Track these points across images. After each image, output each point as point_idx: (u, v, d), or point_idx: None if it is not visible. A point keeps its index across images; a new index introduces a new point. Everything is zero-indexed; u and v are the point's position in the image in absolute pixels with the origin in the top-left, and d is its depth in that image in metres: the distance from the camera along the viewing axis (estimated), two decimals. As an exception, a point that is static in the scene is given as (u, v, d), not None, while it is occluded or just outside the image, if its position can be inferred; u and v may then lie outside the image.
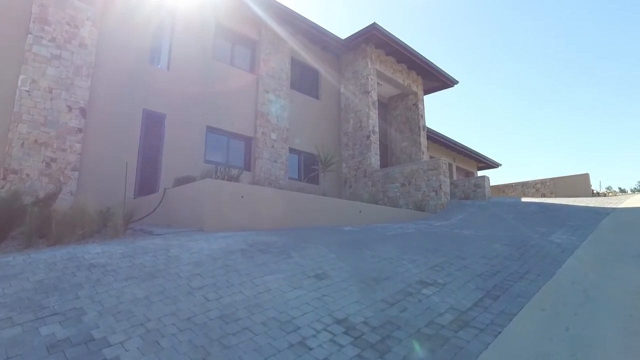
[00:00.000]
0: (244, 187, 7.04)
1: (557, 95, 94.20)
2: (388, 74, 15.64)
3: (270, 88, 13.16)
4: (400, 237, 6.91)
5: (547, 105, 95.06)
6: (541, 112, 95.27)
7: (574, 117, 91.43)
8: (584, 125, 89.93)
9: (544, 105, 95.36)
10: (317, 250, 5.44)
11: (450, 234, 7.29)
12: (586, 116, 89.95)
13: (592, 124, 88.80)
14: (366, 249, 5.70)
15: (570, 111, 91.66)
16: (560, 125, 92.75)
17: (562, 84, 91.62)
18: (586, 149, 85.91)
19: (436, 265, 5.07)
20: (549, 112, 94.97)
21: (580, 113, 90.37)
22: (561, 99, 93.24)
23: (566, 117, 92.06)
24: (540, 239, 6.75)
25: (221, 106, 11.84)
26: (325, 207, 8.54)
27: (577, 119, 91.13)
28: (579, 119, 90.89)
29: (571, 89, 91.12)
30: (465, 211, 10.73)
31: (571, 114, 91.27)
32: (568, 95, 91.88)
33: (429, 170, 12.22)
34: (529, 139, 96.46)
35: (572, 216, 9.12)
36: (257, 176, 12.19)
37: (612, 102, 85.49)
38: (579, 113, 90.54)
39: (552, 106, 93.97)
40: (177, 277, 4.04)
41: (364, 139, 14.24)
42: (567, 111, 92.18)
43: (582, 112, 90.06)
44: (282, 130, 13.17)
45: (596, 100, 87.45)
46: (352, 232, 7.23)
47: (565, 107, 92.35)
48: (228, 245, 5.23)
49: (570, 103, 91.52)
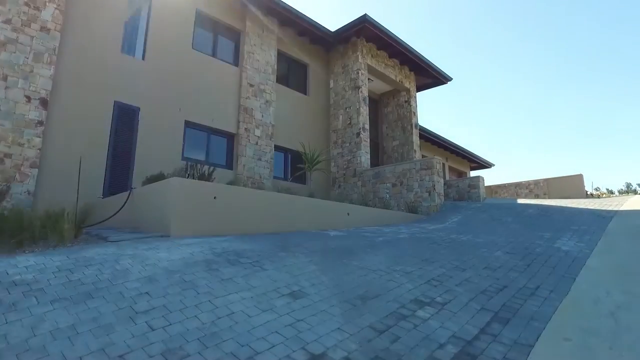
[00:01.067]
0: (217, 187, 6.29)
1: (551, 95, 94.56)
2: (379, 69, 14.97)
3: (255, 82, 12.41)
4: (391, 243, 6.23)
5: (541, 105, 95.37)
6: (533, 113, 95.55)
7: (565, 118, 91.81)
8: (574, 127, 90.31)
9: (538, 105, 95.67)
10: (295, 260, 4.72)
11: (446, 240, 6.62)
12: (576, 117, 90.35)
13: (582, 125, 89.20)
14: (353, 259, 4.99)
15: (562, 111, 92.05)
16: (551, 127, 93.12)
17: (557, 82, 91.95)
18: (572, 149, 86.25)
19: (433, 278, 4.39)
20: (541, 112, 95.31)
21: (571, 113, 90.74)
22: (554, 99, 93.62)
23: (558, 117, 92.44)
24: (546, 246, 6.11)
25: (201, 100, 11.07)
26: (310, 209, 7.83)
27: (567, 120, 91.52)
28: (569, 119, 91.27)
29: (563, 88, 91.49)
30: (461, 213, 10.08)
31: (563, 114, 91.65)
32: (561, 95, 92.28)
33: (422, 170, 11.57)
34: (520, 139, 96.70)
35: (575, 219, 8.51)
36: (239, 175, 11.43)
37: (604, 104, 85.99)
38: (569, 113, 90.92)
39: (546, 106, 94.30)
40: (119, 298, 3.29)
41: (354, 136, 13.55)
42: (560, 111, 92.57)
43: (573, 112, 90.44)
44: (267, 126, 12.42)
45: (588, 101, 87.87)
46: (338, 238, 6.53)
47: (557, 107, 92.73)
48: (192, 255, 4.49)
49: (562, 103, 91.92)
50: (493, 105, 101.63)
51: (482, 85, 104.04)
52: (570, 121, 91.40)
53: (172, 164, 9.86)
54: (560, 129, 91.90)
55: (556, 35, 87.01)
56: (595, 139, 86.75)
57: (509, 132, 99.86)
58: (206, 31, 11.94)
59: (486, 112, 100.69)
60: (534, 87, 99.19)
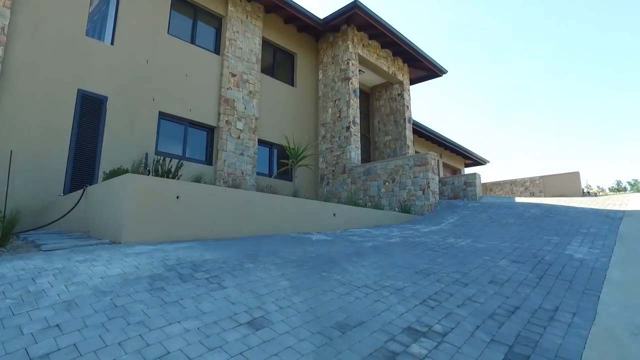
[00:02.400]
0: (181, 185, 5.46)
1: (543, 91, 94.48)
2: (371, 60, 14.16)
3: (238, 71, 11.55)
4: (381, 249, 5.45)
5: (535, 101, 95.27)
6: (528, 108, 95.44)
7: (556, 115, 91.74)
8: (567, 124, 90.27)
9: (532, 101, 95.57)
10: (264, 273, 3.92)
11: (443, 245, 5.86)
12: (571, 115, 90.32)
13: (575, 122, 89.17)
14: (334, 271, 4.21)
15: (553, 109, 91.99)
16: (545, 123, 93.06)
17: (550, 80, 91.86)
18: (563, 146, 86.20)
19: (430, 297, 3.61)
20: (535, 108, 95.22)
21: (561, 111, 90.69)
22: (547, 95, 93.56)
23: (550, 114, 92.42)
24: (556, 253, 5.37)
25: (178, 90, 10.19)
26: (291, 210, 7.03)
27: (558, 117, 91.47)
28: (559, 117, 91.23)
29: (554, 85, 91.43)
30: (457, 213, 9.34)
31: (554, 112, 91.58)
32: (552, 92, 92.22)
33: (416, 166, 10.81)
34: (515, 136, 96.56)
35: (582, 221, 7.81)
36: (219, 171, 10.60)
37: (598, 100, 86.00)
38: (560, 111, 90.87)
39: (539, 103, 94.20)
40: (14, 334, 2.47)
41: (343, 130, 12.75)
42: (552, 109, 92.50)
43: (564, 110, 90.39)
44: (250, 119, 11.58)
45: (580, 97, 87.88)
46: (320, 243, 5.73)
47: (550, 105, 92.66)
48: (136, 269, 3.67)
49: (554, 100, 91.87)
50: (488, 99, 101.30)
51: (478, 79, 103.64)
52: (564, 119, 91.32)
53: (144, 158, 9.05)
54: (553, 126, 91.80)
55: (555, 33, 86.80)
56: (587, 136, 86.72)
57: (504, 127, 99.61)
58: (184, 16, 11.05)
59: (481, 106, 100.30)
60: (531, 83, 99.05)
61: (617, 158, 76.14)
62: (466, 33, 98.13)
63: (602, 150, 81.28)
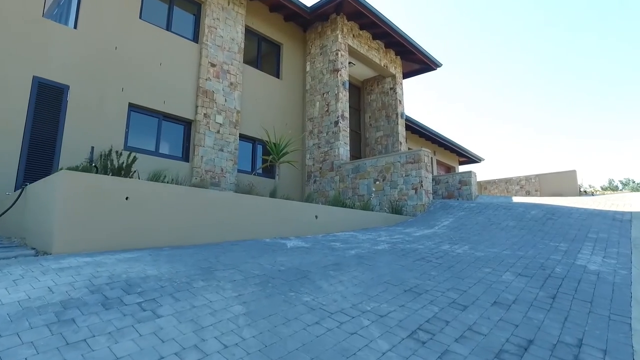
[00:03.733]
0: (133, 183, 4.68)
1: (536, 89, 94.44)
2: (362, 52, 13.39)
3: (218, 61, 10.73)
4: (365, 259, 4.70)
5: (528, 98, 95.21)
6: (522, 105, 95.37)
7: (547, 113, 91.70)
8: (557, 122, 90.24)
9: (526, 98, 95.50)
10: (216, 294, 3.16)
11: (437, 254, 5.13)
12: (558, 112, 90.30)
13: (566, 120, 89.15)
14: (305, 290, 3.45)
15: (544, 107, 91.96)
16: (539, 121, 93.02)
17: (544, 76, 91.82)
18: (555, 144, 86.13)
19: (421, 327, 2.87)
20: (529, 105, 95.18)
21: (552, 109, 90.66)
22: (539, 93, 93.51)
23: (542, 112, 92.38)
24: (567, 264, 4.66)
25: (151, 80, 9.36)
26: (267, 212, 6.26)
27: (548, 115, 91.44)
28: (549, 114, 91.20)
29: (546, 81, 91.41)
30: (452, 215, 8.62)
31: (545, 109, 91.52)
32: (545, 89, 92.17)
33: (408, 164, 10.08)
34: (509, 133, 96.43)
35: (588, 224, 7.12)
36: (196, 168, 9.80)
37: (592, 98, 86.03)
38: (550, 109, 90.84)
39: (532, 100, 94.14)
40: None
41: (332, 125, 11.99)
42: (543, 107, 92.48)
43: (554, 108, 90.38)
44: (231, 112, 10.78)
45: (573, 95, 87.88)
46: (295, 251, 4.97)
47: (541, 102, 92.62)
48: (47, 292, 2.89)
49: (546, 98, 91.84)
50: (484, 95, 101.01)
51: (475, 73, 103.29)
52: (556, 116, 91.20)
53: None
54: (544, 123, 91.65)
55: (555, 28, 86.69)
56: (579, 134, 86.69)
57: (498, 124, 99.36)
58: (158, 0, 10.21)
59: (476, 102, 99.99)
60: (527, 75, 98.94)
61: (609, 156, 76.12)
62: (460, 28, 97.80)
63: (593, 148, 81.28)
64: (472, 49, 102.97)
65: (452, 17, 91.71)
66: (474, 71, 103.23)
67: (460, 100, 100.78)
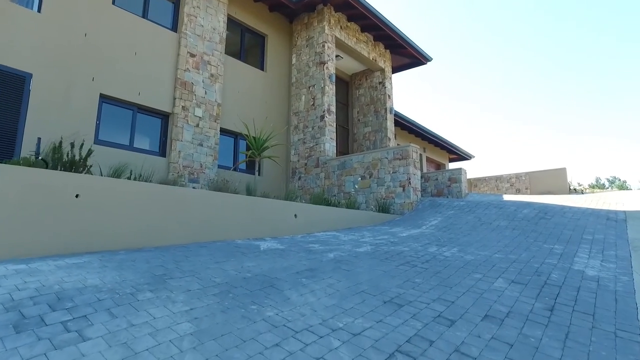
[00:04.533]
0: (85, 179, 4.19)
1: (530, 83, 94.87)
2: (350, 44, 12.94)
3: (198, 51, 10.21)
4: (343, 264, 4.27)
5: (519, 94, 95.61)
6: (513, 102, 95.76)
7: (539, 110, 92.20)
8: (550, 120, 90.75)
9: (516, 93, 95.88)
10: (163, 309, 2.70)
11: (423, 257, 4.71)
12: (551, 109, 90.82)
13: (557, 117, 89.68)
14: (270, 302, 3.01)
15: (537, 103, 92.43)
16: (530, 118, 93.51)
17: (538, 70, 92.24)
18: (543, 142, 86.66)
19: (400, 348, 2.45)
20: (521, 102, 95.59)
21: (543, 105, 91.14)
22: (532, 87, 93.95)
23: (535, 109, 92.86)
24: (563, 269, 4.27)
25: (124, 70, 8.81)
26: (242, 211, 5.79)
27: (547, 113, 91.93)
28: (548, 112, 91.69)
29: (539, 76, 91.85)
30: (441, 214, 8.23)
31: (537, 106, 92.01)
32: (537, 83, 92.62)
33: (396, 160, 9.67)
34: (500, 129, 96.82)
35: (582, 224, 6.78)
36: (173, 164, 9.29)
37: (586, 95, 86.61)
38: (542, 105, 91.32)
39: (524, 96, 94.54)
40: None
41: (317, 120, 11.53)
42: (535, 103, 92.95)
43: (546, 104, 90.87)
44: (211, 105, 10.27)
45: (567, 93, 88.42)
46: (267, 255, 4.52)
47: (534, 98, 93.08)
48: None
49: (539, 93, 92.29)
50: (476, 89, 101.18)
51: (466, 67, 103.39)
52: (543, 114, 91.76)
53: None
54: (534, 120, 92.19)
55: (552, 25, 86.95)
56: (567, 132, 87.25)
57: (488, 121, 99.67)
58: (134, -15, 9.64)
59: (468, 97, 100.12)
60: (520, 69, 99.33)
61: (595, 154, 76.75)
62: (453, 21, 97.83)
63: (580, 145, 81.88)
64: (464, 44, 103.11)
65: (447, 9, 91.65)
66: (465, 67, 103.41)
67: (451, 96, 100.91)
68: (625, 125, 77.39)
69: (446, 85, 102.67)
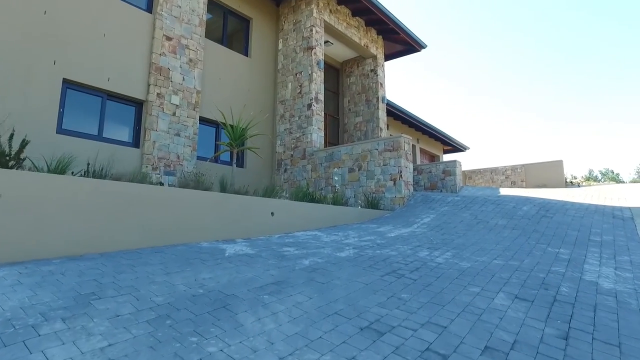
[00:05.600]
0: (13, 176, 3.53)
1: (526, 76, 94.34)
2: (340, 29, 12.23)
3: (175, 34, 9.47)
4: (319, 274, 3.65)
5: (516, 85, 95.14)
6: (511, 89, 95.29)
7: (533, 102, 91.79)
8: (544, 112, 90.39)
9: (514, 84, 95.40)
10: (69, 348, 2.07)
11: (413, 265, 4.12)
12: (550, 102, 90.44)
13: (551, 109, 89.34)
14: (216, 331, 2.39)
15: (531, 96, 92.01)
16: (525, 110, 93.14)
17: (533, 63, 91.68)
18: (535, 134, 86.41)
19: (374, 406, 1.84)
20: (515, 92, 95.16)
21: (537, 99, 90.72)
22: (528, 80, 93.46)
23: (529, 101, 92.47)
24: (573, 280, 3.69)
25: (91, 53, 8.08)
26: (210, 209, 5.15)
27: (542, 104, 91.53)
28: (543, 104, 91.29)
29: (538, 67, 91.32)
30: (434, 210, 7.64)
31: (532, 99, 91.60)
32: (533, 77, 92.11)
33: (386, 152, 9.04)
34: (496, 119, 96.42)
35: (587, 223, 6.22)
36: (147, 155, 8.61)
37: (573, 89, 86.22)
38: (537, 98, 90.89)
39: (519, 87, 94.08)
40: None
41: (304, 108, 10.86)
42: (531, 96, 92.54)
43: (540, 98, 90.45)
44: (189, 92, 9.56)
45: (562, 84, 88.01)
46: (230, 262, 3.89)
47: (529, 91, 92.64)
48: None
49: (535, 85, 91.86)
50: (472, 77, 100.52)
51: (463, 55, 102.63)
52: (544, 106, 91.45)
53: (41, 139, 6.97)
54: (526, 113, 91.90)
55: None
56: (560, 124, 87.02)
57: (483, 112, 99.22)
58: (103, -40, 8.85)
59: (463, 86, 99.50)
60: (518, 65, 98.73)
61: (587, 145, 76.54)
62: (450, 6, 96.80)
63: (572, 137, 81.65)
64: (460, 30, 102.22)
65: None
66: (462, 54, 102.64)
67: (446, 85, 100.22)
68: (618, 115, 77.18)
69: (441, 73, 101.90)
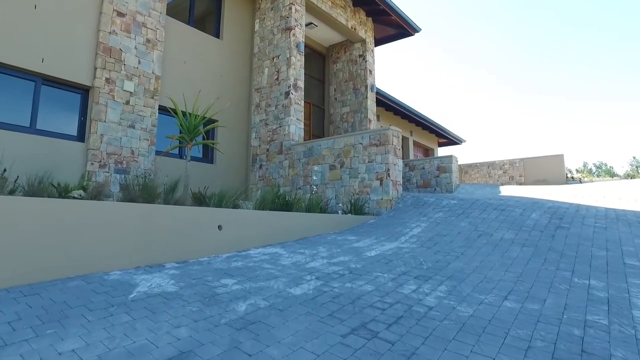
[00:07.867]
0: None
1: (524, 71, 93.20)
2: (324, 9, 10.93)
3: (128, 10, 8.16)
4: (252, 332, 2.46)
5: (512, 78, 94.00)
6: (505, 84, 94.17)
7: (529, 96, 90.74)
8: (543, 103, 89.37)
9: (511, 77, 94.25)
10: None
11: (392, 308, 2.93)
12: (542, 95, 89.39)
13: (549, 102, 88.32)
14: None
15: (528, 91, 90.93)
16: (520, 103, 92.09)
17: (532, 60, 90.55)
18: (530, 127, 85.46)
19: None
20: (512, 85, 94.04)
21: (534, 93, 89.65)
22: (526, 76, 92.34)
23: (524, 95, 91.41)
24: (627, 342, 2.52)
25: (20, 29, 6.78)
26: (128, 226, 3.92)
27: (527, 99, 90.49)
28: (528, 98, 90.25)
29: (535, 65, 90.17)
30: (426, 217, 6.45)
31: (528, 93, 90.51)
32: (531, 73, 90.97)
33: (372, 146, 7.84)
34: (492, 110, 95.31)
35: (614, 237, 5.06)
36: (93, 150, 7.36)
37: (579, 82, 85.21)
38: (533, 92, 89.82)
39: (516, 80, 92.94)
40: None
41: (282, 97, 9.60)
42: (528, 91, 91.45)
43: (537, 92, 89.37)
44: (147, 78, 8.28)
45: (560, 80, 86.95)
46: (133, 310, 2.68)
47: (525, 86, 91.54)
48: None
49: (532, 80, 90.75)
50: (466, 65, 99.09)
51: (457, 40, 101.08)
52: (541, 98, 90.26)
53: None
54: (529, 105, 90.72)
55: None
56: (555, 116, 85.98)
57: (478, 103, 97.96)
58: None
59: (459, 74, 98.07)
60: (516, 54, 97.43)
61: (580, 138, 75.63)
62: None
63: (567, 129, 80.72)
64: (456, 18, 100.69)
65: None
66: (457, 42, 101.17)
67: (442, 74, 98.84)
68: (612, 108, 76.28)
69: (436, 61, 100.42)
